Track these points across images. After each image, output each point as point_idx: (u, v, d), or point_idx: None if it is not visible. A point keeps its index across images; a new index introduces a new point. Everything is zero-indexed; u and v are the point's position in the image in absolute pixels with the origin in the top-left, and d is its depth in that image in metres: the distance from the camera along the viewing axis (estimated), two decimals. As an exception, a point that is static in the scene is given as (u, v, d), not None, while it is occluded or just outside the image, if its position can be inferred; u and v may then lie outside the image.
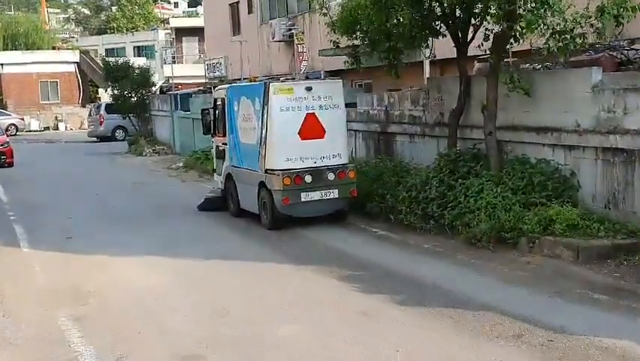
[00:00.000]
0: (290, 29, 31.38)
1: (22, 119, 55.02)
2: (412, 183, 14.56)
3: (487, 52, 13.49)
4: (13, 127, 52.40)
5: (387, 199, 15.03)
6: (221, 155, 17.39)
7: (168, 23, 71.93)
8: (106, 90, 38.80)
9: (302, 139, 14.59)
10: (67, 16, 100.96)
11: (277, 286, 11.18)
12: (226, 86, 18.09)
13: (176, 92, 35.32)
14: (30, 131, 55.01)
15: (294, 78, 19.05)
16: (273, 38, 32.17)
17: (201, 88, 37.04)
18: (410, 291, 10.32)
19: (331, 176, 14.69)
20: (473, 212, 12.79)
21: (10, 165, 30.93)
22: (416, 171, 15.54)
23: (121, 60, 38.95)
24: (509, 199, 12.51)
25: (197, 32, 57.96)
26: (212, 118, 17.72)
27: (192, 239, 15.10)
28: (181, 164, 28.91)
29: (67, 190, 23.46)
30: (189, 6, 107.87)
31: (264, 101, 14.74)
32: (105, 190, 23.05)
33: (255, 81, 21.42)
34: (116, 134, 43.63)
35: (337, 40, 15.96)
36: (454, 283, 10.69)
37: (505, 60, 16.76)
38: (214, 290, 11.12)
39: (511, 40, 12.96)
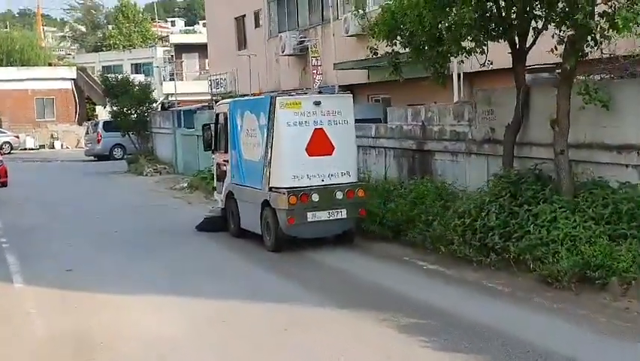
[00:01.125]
0: (301, 42, 29.49)
1: (17, 137, 53.00)
2: (465, 208, 12.49)
3: (559, 57, 11.47)
4: (7, 145, 50.69)
5: (435, 227, 13.00)
6: (221, 172, 16.38)
7: (167, 40, 70.20)
8: (105, 107, 36.74)
9: (309, 155, 13.65)
10: (63, 34, 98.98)
11: (323, 337, 9.07)
12: (229, 100, 16.94)
13: (179, 109, 33.28)
14: (25, 149, 52.93)
15: (305, 93, 17.33)
16: (283, 52, 30.25)
17: (205, 104, 35.07)
18: (496, 348, 8.21)
19: (339, 195, 13.70)
20: (547, 245, 10.73)
21: (4, 184, 28.92)
22: (465, 195, 13.53)
23: (120, 76, 36.96)
24: (592, 230, 10.47)
25: (197, 49, 56.20)
26: (213, 134, 16.71)
27: (204, 269, 13.25)
28: (185, 184, 26.83)
29: (65, 213, 21.36)
30: (186, 24, 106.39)
31: (269, 116, 13.82)
32: (106, 213, 20.97)
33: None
34: (114, 153, 41.88)
35: (375, 47, 13.93)
36: (545, 336, 8.58)
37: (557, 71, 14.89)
38: (244, 342, 9.02)
39: (591, 43, 11.02)
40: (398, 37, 13.35)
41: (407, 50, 13.52)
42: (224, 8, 37.59)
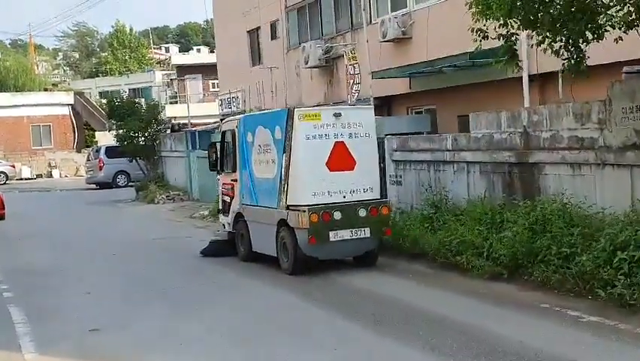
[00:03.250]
0: (327, 53, 26.27)
1: (13, 166, 49.44)
2: (627, 237, 9.20)
3: None
4: (2, 175, 47.25)
5: (582, 262, 9.68)
6: (228, 194, 15.35)
7: (165, 64, 67.17)
8: (109, 130, 33.45)
9: (330, 171, 12.71)
10: (56, 62, 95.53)
11: None
12: (237, 116, 15.90)
13: (193, 130, 29.96)
14: (21, 179, 49.38)
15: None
16: (307, 64, 27.01)
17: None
18: None
19: (363, 212, 12.66)
20: None
21: (1, 217, 25.49)
22: (611, 220, 10.23)
23: (125, 94, 33.81)
24: None
25: (200, 70, 52.98)
26: (219, 153, 15.64)
27: (276, 325, 9.80)
28: (206, 212, 23.51)
29: (74, 250, 17.96)
30: (180, 50, 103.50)
31: (286, 129, 12.83)
32: (123, 249, 17.58)
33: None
34: (118, 180, 39.00)
35: (484, 29, 10.63)
36: None
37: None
38: None
39: None
40: (517, 15, 10.07)
41: (528, 29, 10.24)
42: (235, 21, 34.44)
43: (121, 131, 31.60)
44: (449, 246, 12.24)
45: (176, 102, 53.83)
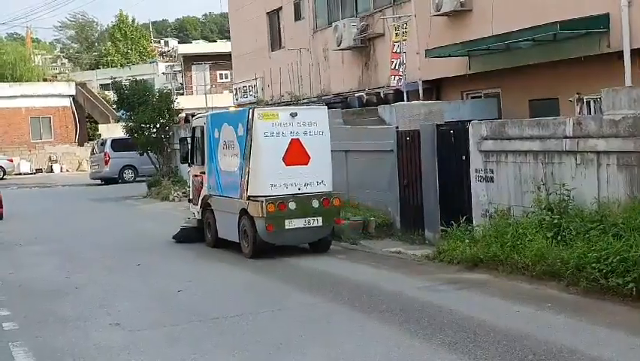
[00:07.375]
0: (363, 32, 23.08)
1: (11, 160, 46.08)
2: None
3: None
4: (0, 170, 43.66)
5: None
6: (198, 184, 16.21)
7: (168, 56, 63.89)
8: (118, 121, 30.13)
9: (286, 165, 13.64)
10: (55, 54, 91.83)
11: None
12: (206, 114, 16.73)
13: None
14: (20, 174, 45.97)
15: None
16: (339, 46, 23.84)
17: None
18: None
19: (315, 203, 13.67)
20: None
21: (0, 217, 22.14)
22: None
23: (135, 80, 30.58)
24: None
25: (207, 59, 49.66)
26: (189, 147, 16.61)
27: None
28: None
29: (88, 260, 14.67)
30: (180, 43, 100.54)
31: (247, 127, 13.78)
32: (147, 259, 14.40)
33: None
34: (124, 175, 35.78)
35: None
36: None
37: None
38: None
39: None
40: None
41: None
42: (253, 2, 31.30)
43: (131, 123, 28.25)
44: (598, 264, 8.99)
45: (182, 93, 50.53)
